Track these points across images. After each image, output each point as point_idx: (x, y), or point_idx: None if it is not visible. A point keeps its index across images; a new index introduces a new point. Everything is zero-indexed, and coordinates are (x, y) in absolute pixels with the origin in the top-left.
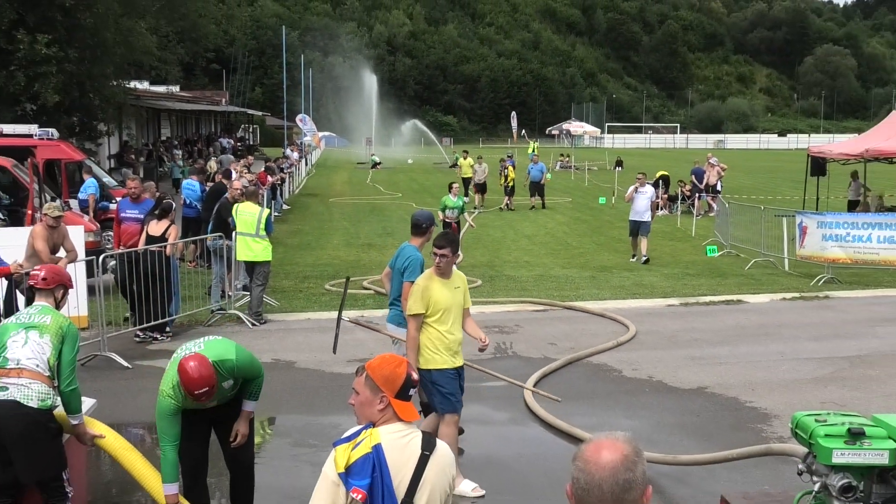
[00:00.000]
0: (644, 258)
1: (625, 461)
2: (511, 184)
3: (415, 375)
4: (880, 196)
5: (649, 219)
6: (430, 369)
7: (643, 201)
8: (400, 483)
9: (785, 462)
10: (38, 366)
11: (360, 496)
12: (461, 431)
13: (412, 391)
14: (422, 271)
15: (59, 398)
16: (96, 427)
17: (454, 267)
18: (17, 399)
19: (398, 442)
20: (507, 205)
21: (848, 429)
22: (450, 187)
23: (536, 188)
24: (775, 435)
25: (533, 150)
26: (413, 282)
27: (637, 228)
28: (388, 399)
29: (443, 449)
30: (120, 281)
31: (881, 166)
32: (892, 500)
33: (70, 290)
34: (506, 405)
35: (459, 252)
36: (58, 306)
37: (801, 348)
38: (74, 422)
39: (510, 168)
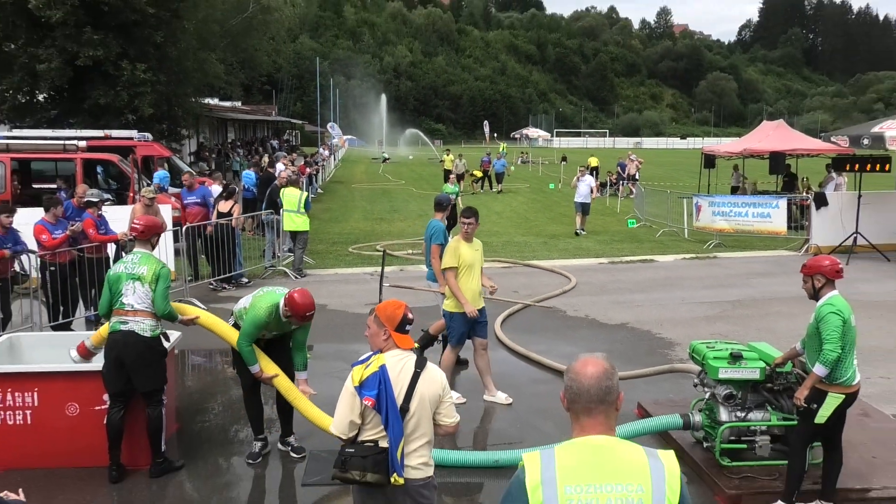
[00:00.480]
0: (583, 231)
1: (605, 372)
2: (479, 176)
3: (410, 315)
4: (754, 183)
5: (590, 200)
6: (453, 313)
7: (584, 187)
8: (399, 393)
9: (684, 378)
10: (146, 307)
11: (370, 403)
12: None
13: (408, 326)
14: (444, 237)
15: (163, 328)
16: (191, 311)
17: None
18: (135, 330)
19: (397, 364)
20: (476, 191)
21: (730, 353)
22: (446, 177)
23: (498, 177)
24: (677, 358)
25: (503, 150)
26: (440, 244)
27: (581, 208)
28: (389, 332)
29: (432, 367)
30: (187, 250)
31: (755, 161)
32: (762, 406)
33: (162, 235)
34: None
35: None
36: (153, 248)
37: (696, 295)
38: (175, 322)
39: (478, 169)
